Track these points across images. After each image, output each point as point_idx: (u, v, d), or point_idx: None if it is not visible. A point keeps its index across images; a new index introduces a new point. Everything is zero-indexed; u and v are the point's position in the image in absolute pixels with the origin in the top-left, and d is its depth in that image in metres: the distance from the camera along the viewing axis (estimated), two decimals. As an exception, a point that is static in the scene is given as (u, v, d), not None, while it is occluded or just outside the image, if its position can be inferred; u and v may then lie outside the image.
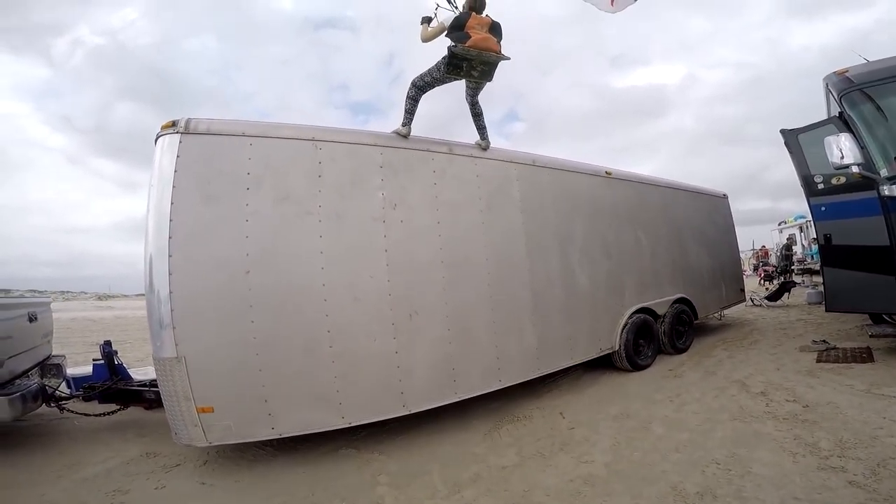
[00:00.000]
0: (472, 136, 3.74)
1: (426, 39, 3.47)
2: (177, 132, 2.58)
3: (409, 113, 3.51)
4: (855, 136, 3.82)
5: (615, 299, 4.62)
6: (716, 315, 7.29)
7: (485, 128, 3.84)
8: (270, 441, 3.16)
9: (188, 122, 2.61)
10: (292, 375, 2.73)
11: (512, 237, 3.76)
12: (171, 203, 2.53)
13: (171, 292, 2.50)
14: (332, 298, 2.84)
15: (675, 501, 2.28)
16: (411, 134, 3.39)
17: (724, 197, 7.16)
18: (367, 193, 3.02)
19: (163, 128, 2.62)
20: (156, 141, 2.66)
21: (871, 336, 4.85)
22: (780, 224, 17.11)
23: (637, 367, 4.70)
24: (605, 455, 2.87)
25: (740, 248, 8.32)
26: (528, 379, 3.80)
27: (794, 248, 12.95)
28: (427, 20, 3.50)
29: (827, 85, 4.49)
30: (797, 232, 15.32)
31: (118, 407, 3.77)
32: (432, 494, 2.51)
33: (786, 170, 4.95)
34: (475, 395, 3.41)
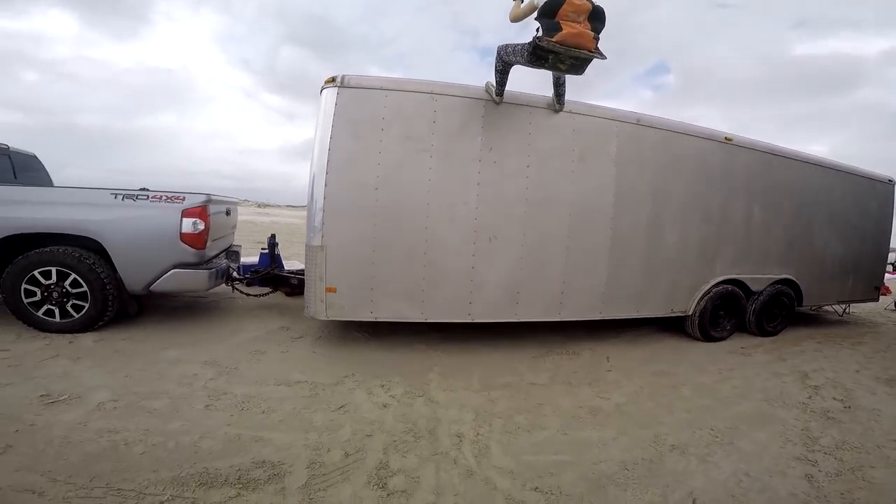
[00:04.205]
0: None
1: (515, 19, 3.33)
2: (335, 86, 3.70)
3: (500, 84, 3.70)
4: None
5: (702, 265, 4.92)
6: (835, 308, 6.93)
7: (563, 95, 3.96)
8: (368, 327, 4.49)
9: (343, 77, 3.71)
10: (393, 273, 3.88)
11: (600, 187, 4.30)
12: (330, 138, 3.69)
13: (325, 197, 3.72)
14: (433, 217, 3.88)
15: (650, 446, 2.81)
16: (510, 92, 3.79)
17: (890, 182, 6.47)
18: (470, 138, 3.91)
19: (326, 82, 3.76)
20: (321, 91, 3.80)
21: None
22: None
23: (708, 338, 5.05)
24: (622, 397, 3.52)
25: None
26: (589, 319, 4.48)
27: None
28: None
29: None
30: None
31: (270, 290, 5.47)
32: (467, 387, 3.52)
33: None
34: (533, 320, 4.27)
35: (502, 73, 3.65)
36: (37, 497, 1.97)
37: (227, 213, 5.19)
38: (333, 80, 3.73)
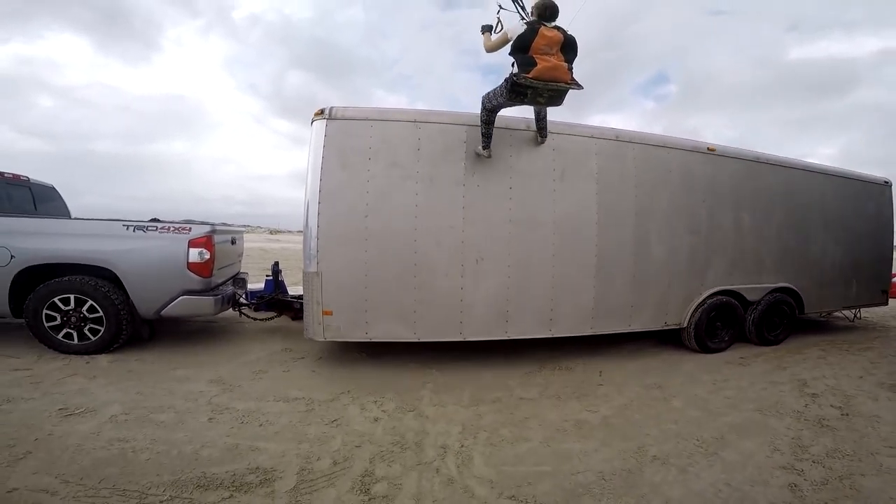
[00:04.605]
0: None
1: (490, 50, 3.46)
2: (324, 118, 4.00)
3: (486, 136, 3.87)
4: None
5: (693, 277, 5.01)
6: (846, 314, 6.83)
7: (545, 128, 4.14)
8: (366, 347, 4.69)
9: (331, 110, 4.01)
10: (386, 295, 4.08)
11: (583, 205, 4.46)
12: (321, 168, 3.97)
13: (318, 225, 3.97)
14: (421, 241, 4.10)
15: (631, 457, 2.86)
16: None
17: (886, 185, 6.50)
18: (453, 163, 4.14)
19: (315, 114, 4.07)
20: (311, 123, 4.10)
21: None
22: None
23: (706, 350, 5.09)
24: (610, 410, 3.58)
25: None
26: (580, 335, 4.59)
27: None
28: (488, 28, 3.48)
29: None
30: None
31: (275, 314, 5.71)
32: (457, 402, 3.66)
33: None
34: (524, 337, 4.40)
35: (487, 123, 3.82)
36: (49, 496, 2.20)
37: (233, 241, 5.51)
38: (322, 112, 4.04)
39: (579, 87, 3.30)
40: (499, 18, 3.54)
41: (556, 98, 3.38)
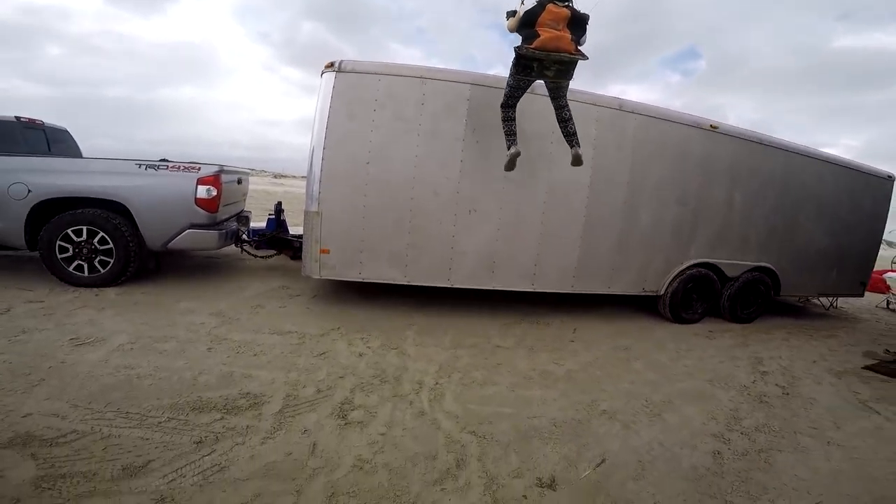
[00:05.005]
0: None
1: (511, 30, 3.49)
2: (333, 71, 3.99)
3: (509, 134, 3.78)
4: None
5: (677, 247, 5.11)
6: (822, 302, 7.02)
7: (574, 134, 3.77)
8: (358, 288, 4.89)
9: (340, 63, 4.00)
10: (380, 238, 4.24)
11: (577, 168, 4.37)
12: (328, 117, 4.01)
13: (322, 170, 4.07)
14: (418, 189, 4.21)
15: (584, 410, 3.05)
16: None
17: (889, 179, 6.39)
18: (455, 118, 4.17)
19: (325, 67, 4.05)
20: (321, 75, 4.09)
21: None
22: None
23: (679, 320, 5.27)
24: (576, 365, 3.79)
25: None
26: (560, 291, 4.77)
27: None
28: (512, 13, 3.49)
29: None
30: None
31: (274, 252, 5.91)
32: (437, 344, 3.90)
33: None
34: (508, 289, 4.60)
35: (506, 120, 3.79)
36: (60, 420, 2.36)
37: (239, 181, 5.61)
38: (332, 65, 4.03)
39: (584, 57, 3.28)
40: (522, 1, 3.50)
41: (565, 71, 3.37)
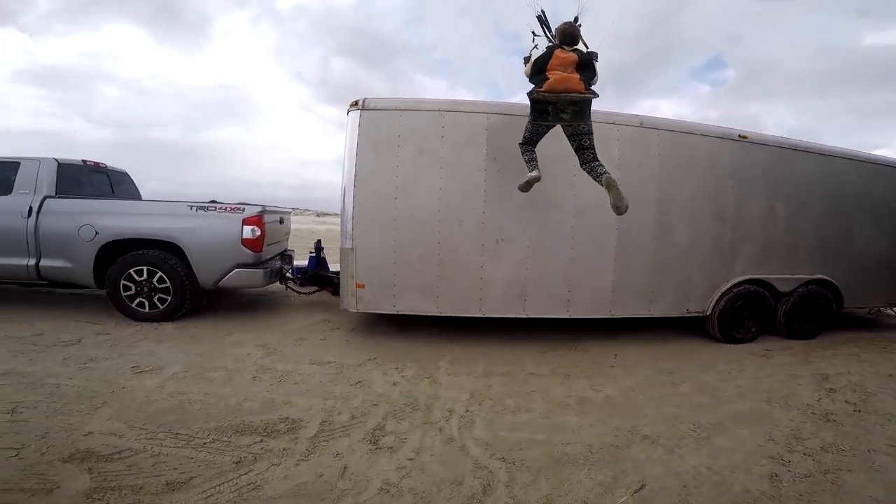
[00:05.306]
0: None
1: (528, 77, 3.63)
2: (358, 109, 4.28)
3: (530, 162, 3.79)
4: None
5: (719, 264, 4.89)
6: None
7: (600, 170, 3.65)
8: (395, 321, 5.03)
9: (364, 101, 4.28)
10: (411, 271, 4.36)
11: (603, 191, 4.49)
12: (356, 155, 4.27)
13: (354, 208, 4.30)
14: (444, 221, 4.33)
15: (623, 435, 2.91)
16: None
17: None
18: (475, 149, 4.31)
19: (350, 106, 4.34)
20: (347, 113, 4.39)
21: None
22: None
23: (731, 339, 4.98)
24: (616, 390, 3.66)
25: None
26: (598, 317, 4.65)
27: None
28: (528, 59, 3.66)
29: None
30: None
31: (317, 289, 6.19)
32: (469, 372, 3.91)
33: None
34: (541, 316, 4.55)
35: (527, 153, 3.84)
36: (117, 438, 2.62)
37: (281, 221, 5.99)
38: (357, 103, 4.32)
39: (594, 94, 3.42)
40: (535, 46, 3.72)
41: (579, 113, 3.49)
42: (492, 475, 2.43)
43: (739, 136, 4.88)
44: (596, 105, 3.78)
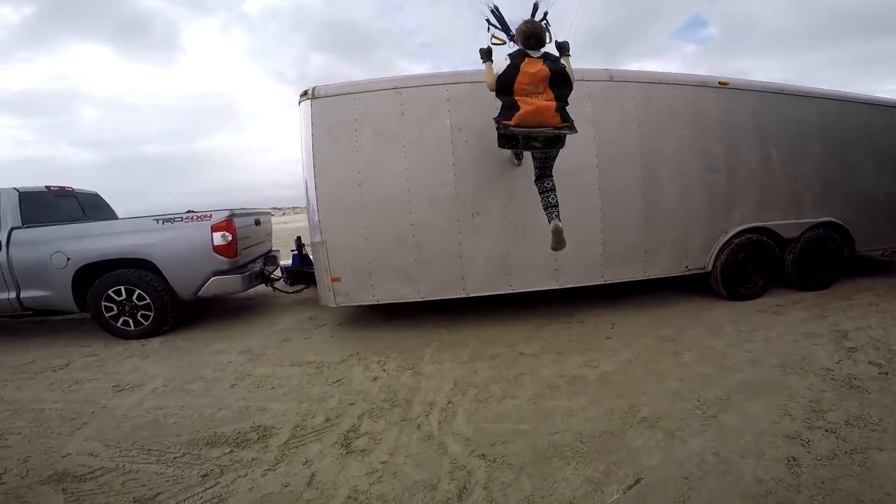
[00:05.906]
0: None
1: (491, 88, 3.10)
2: (308, 99, 4.06)
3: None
4: None
5: (716, 216, 4.60)
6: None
7: (555, 206, 3.35)
8: (380, 312, 4.87)
9: (314, 89, 4.06)
10: (387, 258, 4.18)
11: (580, 150, 4.14)
12: (312, 145, 4.07)
13: (318, 199, 4.11)
14: (414, 201, 4.12)
15: (618, 419, 2.66)
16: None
17: None
18: (438, 122, 4.07)
19: (300, 96, 4.13)
20: (299, 104, 4.17)
21: None
22: None
23: (736, 296, 4.70)
24: (611, 366, 3.39)
25: None
26: (590, 284, 4.42)
27: None
28: (487, 55, 3.17)
29: None
30: None
31: (303, 286, 6.03)
32: (456, 358, 3.73)
33: None
34: (530, 290, 4.33)
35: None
36: (92, 458, 2.61)
37: (257, 223, 5.85)
38: (306, 93, 4.10)
39: (571, 130, 2.95)
40: (491, 38, 3.26)
41: (554, 140, 3.03)
42: (469, 476, 2.26)
43: (719, 83, 4.55)
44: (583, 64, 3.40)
